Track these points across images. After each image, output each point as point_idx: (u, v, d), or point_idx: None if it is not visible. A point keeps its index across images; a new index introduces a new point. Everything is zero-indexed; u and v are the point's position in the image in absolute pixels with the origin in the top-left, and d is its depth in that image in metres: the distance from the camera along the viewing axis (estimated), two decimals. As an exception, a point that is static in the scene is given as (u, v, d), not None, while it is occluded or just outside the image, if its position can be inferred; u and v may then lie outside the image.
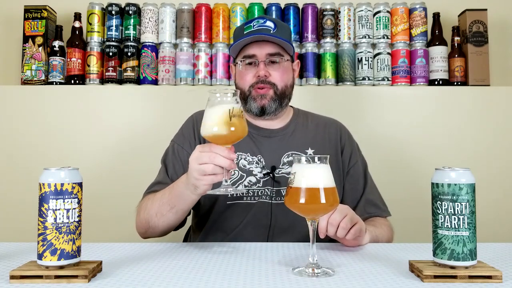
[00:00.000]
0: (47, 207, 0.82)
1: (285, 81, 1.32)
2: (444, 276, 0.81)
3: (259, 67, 1.29)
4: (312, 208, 0.88)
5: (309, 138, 1.37)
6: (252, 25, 1.30)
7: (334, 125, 1.43)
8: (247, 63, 1.31)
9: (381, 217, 1.33)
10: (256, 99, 1.30)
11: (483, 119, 1.93)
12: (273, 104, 1.30)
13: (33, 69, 1.94)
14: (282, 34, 1.29)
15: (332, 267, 0.90)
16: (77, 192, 0.85)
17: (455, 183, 0.82)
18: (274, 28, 1.29)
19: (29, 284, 0.79)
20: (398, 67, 1.98)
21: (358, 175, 1.37)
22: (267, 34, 1.27)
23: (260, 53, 1.29)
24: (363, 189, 1.36)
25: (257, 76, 1.29)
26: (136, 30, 2.00)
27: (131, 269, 0.89)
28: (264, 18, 1.32)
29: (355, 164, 1.38)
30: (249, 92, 1.31)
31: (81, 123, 1.93)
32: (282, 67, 1.31)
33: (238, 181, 1.29)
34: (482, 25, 1.96)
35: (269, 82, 1.29)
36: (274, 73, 1.30)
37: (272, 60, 1.30)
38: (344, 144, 1.39)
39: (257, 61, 1.29)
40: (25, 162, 1.90)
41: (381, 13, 2.00)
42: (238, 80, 1.35)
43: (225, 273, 0.86)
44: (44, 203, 0.82)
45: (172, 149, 1.36)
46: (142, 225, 1.24)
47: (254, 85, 1.30)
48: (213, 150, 0.97)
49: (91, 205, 1.91)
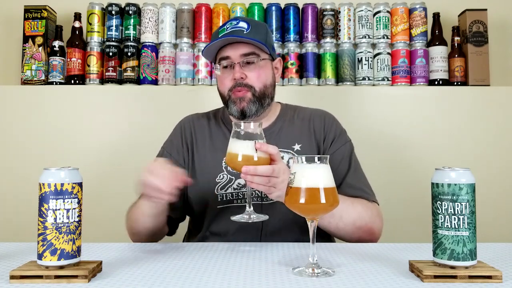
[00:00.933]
0: (47, 207, 0.82)
1: (263, 81, 1.29)
2: (444, 276, 0.81)
3: (234, 70, 1.27)
4: (312, 208, 0.88)
5: (296, 133, 1.35)
6: (226, 28, 1.28)
7: (319, 116, 1.39)
8: (224, 66, 1.29)
9: (366, 199, 1.27)
10: (236, 102, 1.27)
11: (483, 119, 1.93)
12: (252, 106, 1.27)
13: (33, 69, 1.94)
14: (256, 33, 1.26)
15: (332, 267, 0.90)
16: (77, 192, 0.85)
17: (455, 183, 0.82)
18: (248, 28, 1.26)
19: (29, 284, 0.79)
20: (398, 67, 1.98)
21: (340, 160, 1.32)
22: (239, 36, 1.24)
23: (234, 54, 1.27)
24: (346, 174, 1.30)
25: (234, 79, 1.27)
26: (136, 30, 2.00)
27: (131, 269, 0.89)
28: (238, 19, 1.29)
29: (337, 149, 1.33)
30: (228, 96, 1.29)
31: (81, 123, 1.93)
32: (259, 67, 1.28)
33: (227, 184, 1.28)
34: (482, 25, 1.96)
35: (246, 84, 1.27)
36: (251, 74, 1.27)
37: (247, 61, 1.27)
38: (327, 131, 1.36)
39: (233, 63, 1.27)
40: (25, 162, 1.90)
41: (381, 13, 2.00)
42: (219, 85, 1.33)
43: (225, 273, 0.86)
44: (44, 203, 0.82)
45: (162, 155, 1.37)
46: (128, 231, 1.30)
47: (232, 88, 1.28)
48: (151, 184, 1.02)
49: (91, 205, 1.91)
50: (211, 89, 1.97)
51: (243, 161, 1.01)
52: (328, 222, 1.18)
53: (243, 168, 1.00)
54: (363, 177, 1.34)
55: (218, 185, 1.29)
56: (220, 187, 1.29)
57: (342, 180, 1.29)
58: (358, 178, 1.32)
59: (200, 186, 1.30)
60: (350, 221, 1.19)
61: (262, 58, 1.29)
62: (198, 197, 1.31)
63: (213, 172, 1.30)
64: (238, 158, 1.02)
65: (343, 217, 1.18)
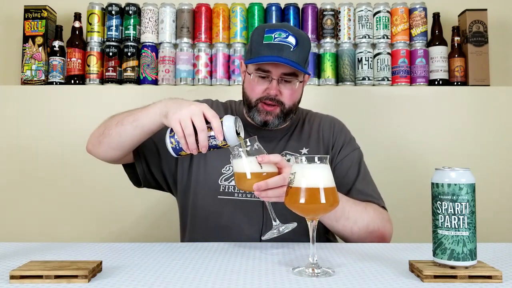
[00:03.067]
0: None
1: (294, 100, 1.29)
2: (444, 276, 0.81)
3: (271, 85, 1.25)
4: (312, 208, 0.88)
5: (305, 138, 1.36)
6: (273, 37, 1.24)
7: (328, 122, 1.41)
8: (260, 76, 1.27)
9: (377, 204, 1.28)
10: (261, 113, 1.28)
11: (483, 119, 1.93)
12: (277, 120, 1.28)
13: (33, 69, 1.94)
14: (301, 51, 1.24)
15: (332, 267, 0.90)
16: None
17: (455, 183, 0.82)
18: (295, 45, 1.23)
19: (29, 284, 0.79)
20: (398, 67, 1.98)
21: (350, 167, 1.33)
22: (284, 61, 1.20)
23: (275, 71, 1.25)
24: (355, 180, 1.31)
25: (267, 92, 1.26)
26: (136, 30, 2.00)
27: (131, 269, 0.89)
28: (287, 31, 1.25)
29: (346, 156, 1.34)
30: (255, 104, 1.28)
31: (81, 123, 1.93)
32: (294, 87, 1.28)
33: (231, 177, 1.28)
34: (482, 25, 1.96)
35: (278, 100, 1.26)
36: (285, 92, 1.26)
37: (286, 80, 1.26)
38: (336, 138, 1.37)
39: (271, 77, 1.26)
40: (25, 162, 1.89)
41: (381, 13, 2.00)
42: (247, 88, 1.32)
43: (225, 273, 0.86)
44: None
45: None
46: (94, 136, 1.25)
47: (262, 99, 1.27)
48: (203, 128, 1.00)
49: (91, 204, 1.92)
50: (211, 89, 1.97)
51: (252, 180, 0.99)
52: (343, 226, 1.18)
53: (254, 186, 0.98)
54: (372, 183, 1.35)
55: (222, 176, 1.29)
56: (225, 178, 1.29)
57: (351, 186, 1.30)
58: (367, 184, 1.33)
59: (206, 172, 1.30)
60: (364, 225, 1.19)
61: (300, 80, 1.28)
62: (201, 183, 1.31)
63: (220, 162, 1.30)
64: (246, 177, 1.00)
65: (357, 221, 1.18)
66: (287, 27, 1.27)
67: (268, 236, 1.04)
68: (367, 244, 1.15)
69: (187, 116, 1.01)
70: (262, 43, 1.25)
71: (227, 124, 1.01)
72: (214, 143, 1.02)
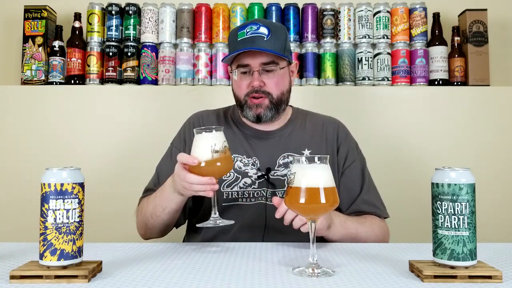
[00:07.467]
0: (47, 207, 0.82)
1: (281, 89, 1.30)
2: (444, 276, 0.81)
3: (253, 77, 1.27)
4: (312, 208, 0.88)
5: (307, 139, 1.36)
6: (246, 32, 1.26)
7: (332, 124, 1.41)
8: (242, 72, 1.29)
9: (378, 216, 1.31)
10: (252, 107, 1.29)
11: (483, 119, 1.93)
12: (268, 112, 1.29)
13: (33, 69, 1.94)
14: (276, 39, 1.26)
15: (332, 267, 0.90)
16: (77, 192, 0.85)
17: (455, 183, 0.82)
18: (268, 35, 1.25)
19: (29, 284, 0.79)
20: (398, 67, 1.98)
21: (355, 175, 1.35)
22: (258, 48, 1.23)
23: (254, 62, 1.26)
24: (360, 189, 1.34)
25: (252, 85, 1.27)
26: (136, 30, 2.00)
27: (131, 269, 0.89)
28: (258, 23, 1.27)
29: (351, 164, 1.35)
30: (244, 101, 1.29)
31: (81, 123, 1.93)
32: (278, 75, 1.28)
33: (233, 182, 1.29)
34: (482, 25, 1.96)
35: (264, 91, 1.27)
36: (269, 82, 1.27)
37: (267, 69, 1.27)
38: (341, 144, 1.37)
39: (252, 70, 1.27)
40: (25, 162, 1.89)
41: (381, 13, 2.00)
42: (235, 88, 1.33)
43: (225, 273, 0.86)
44: (45, 203, 0.83)
45: (171, 152, 1.37)
46: (141, 227, 1.30)
47: (249, 94, 1.28)
48: (187, 180, 1.05)
49: (91, 205, 1.91)
50: (211, 89, 1.97)
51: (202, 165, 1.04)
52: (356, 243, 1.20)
53: (276, 215, 1.07)
54: (375, 191, 1.38)
55: (224, 183, 1.29)
56: (227, 184, 1.29)
57: (357, 197, 1.33)
58: (371, 193, 1.35)
59: None
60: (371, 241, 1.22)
61: (281, 67, 1.29)
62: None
63: None
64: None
65: (367, 240, 1.21)
66: (258, 20, 1.30)
67: (202, 225, 1.09)
68: (367, 244, 1.15)
69: (187, 188, 1.07)
70: (236, 40, 1.28)
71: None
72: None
